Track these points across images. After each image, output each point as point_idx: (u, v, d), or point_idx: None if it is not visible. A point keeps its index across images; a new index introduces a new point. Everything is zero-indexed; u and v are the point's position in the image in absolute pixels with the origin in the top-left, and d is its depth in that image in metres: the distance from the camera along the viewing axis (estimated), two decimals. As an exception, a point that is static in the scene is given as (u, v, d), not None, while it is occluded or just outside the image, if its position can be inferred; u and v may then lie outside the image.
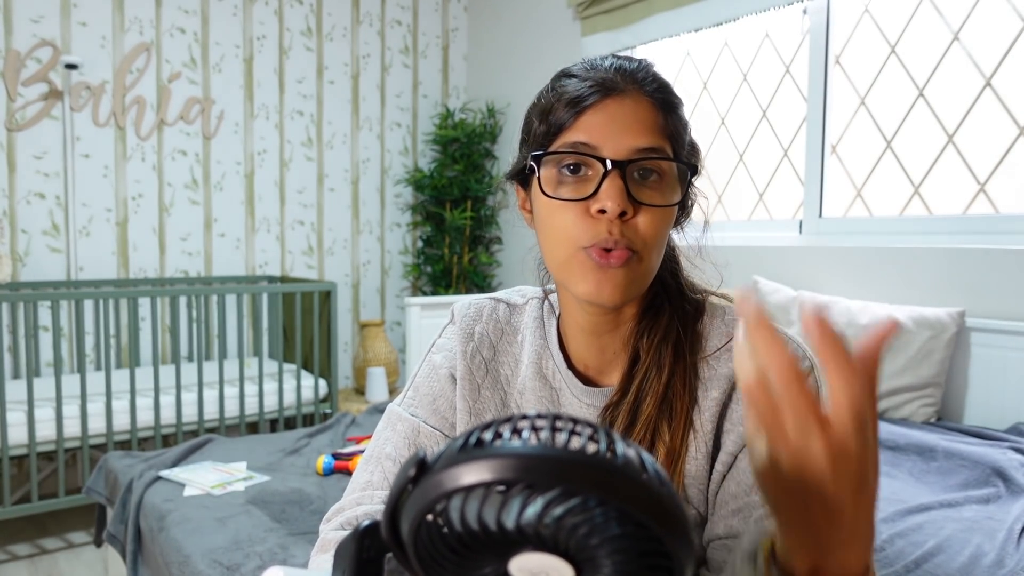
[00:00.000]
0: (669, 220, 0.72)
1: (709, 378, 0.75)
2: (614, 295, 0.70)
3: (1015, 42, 2.23)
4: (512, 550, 0.37)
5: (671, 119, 0.72)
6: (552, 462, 0.34)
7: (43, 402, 2.69)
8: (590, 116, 0.70)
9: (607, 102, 0.70)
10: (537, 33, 3.81)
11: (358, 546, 0.46)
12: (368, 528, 0.47)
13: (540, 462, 0.34)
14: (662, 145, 0.70)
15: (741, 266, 2.79)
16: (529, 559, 0.37)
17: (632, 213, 0.69)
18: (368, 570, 0.46)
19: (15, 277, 3.14)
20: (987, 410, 2.17)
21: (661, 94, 0.72)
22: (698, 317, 0.78)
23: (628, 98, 0.71)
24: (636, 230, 0.70)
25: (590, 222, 0.69)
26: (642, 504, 0.35)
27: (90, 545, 2.74)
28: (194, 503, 1.75)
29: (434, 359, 0.88)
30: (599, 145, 0.69)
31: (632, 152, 0.69)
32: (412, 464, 0.38)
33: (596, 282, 0.70)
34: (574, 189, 0.71)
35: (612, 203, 0.67)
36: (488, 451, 0.35)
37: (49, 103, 3.18)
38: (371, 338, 3.73)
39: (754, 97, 2.97)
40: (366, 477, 0.84)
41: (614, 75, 0.72)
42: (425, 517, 0.37)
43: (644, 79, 0.72)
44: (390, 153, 4.13)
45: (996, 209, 2.30)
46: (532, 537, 0.35)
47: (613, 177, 0.68)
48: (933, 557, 1.35)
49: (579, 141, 0.70)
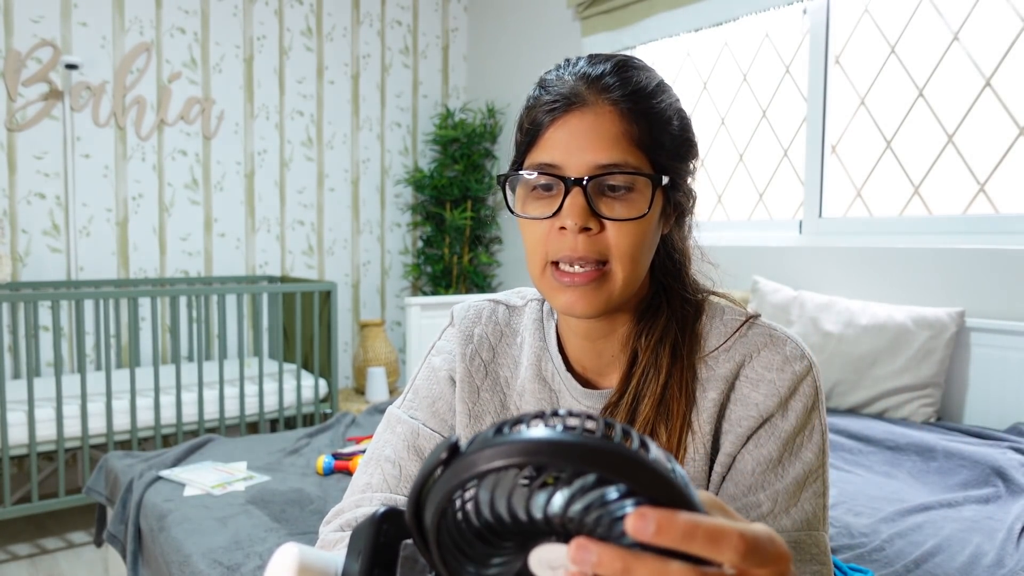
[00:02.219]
0: (644, 229, 0.71)
1: (707, 379, 0.75)
2: (587, 309, 0.71)
3: (1015, 42, 2.24)
4: (534, 541, 0.38)
5: (642, 125, 0.70)
6: (587, 449, 0.35)
7: (43, 402, 2.69)
8: (553, 132, 0.70)
9: (568, 117, 0.70)
10: (537, 33, 3.81)
11: (375, 530, 0.46)
12: (387, 513, 0.48)
13: (575, 448, 0.35)
14: (626, 158, 0.69)
15: (741, 266, 2.80)
16: (550, 551, 0.37)
17: (598, 228, 0.69)
18: (383, 554, 0.46)
19: (15, 277, 3.14)
20: (987, 410, 2.17)
21: (629, 101, 0.70)
22: (697, 317, 0.78)
23: (589, 111, 0.70)
24: (606, 243, 0.70)
25: (556, 237, 0.70)
26: (668, 502, 0.35)
27: (90, 545, 2.74)
28: (194, 503, 1.75)
29: (433, 361, 0.87)
30: (562, 163, 0.70)
31: (592, 168, 0.69)
32: (444, 448, 0.39)
33: (567, 299, 0.71)
34: (546, 205, 0.71)
35: (571, 220, 0.68)
36: (522, 435, 0.36)
37: (49, 103, 3.18)
38: (371, 338, 3.73)
39: (754, 97, 2.97)
40: (365, 479, 0.84)
41: (577, 84, 0.71)
42: (453, 501, 0.37)
43: (609, 86, 0.70)
44: (390, 153, 4.13)
45: (996, 209, 2.30)
46: (557, 527, 0.36)
47: (574, 194, 0.68)
48: (933, 557, 1.36)
49: (543, 162, 0.70)
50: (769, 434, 0.73)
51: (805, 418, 0.73)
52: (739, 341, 0.75)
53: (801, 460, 0.73)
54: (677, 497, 0.36)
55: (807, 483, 0.72)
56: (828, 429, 0.80)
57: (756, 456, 0.72)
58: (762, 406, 0.73)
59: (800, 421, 0.73)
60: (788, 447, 0.72)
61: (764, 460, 0.72)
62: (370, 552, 0.45)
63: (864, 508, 1.57)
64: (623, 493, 0.35)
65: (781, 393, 0.72)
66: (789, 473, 0.72)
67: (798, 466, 0.72)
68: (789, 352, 0.74)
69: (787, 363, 0.73)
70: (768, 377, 0.73)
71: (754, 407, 0.73)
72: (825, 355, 2.30)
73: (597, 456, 0.35)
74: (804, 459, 0.73)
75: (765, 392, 0.73)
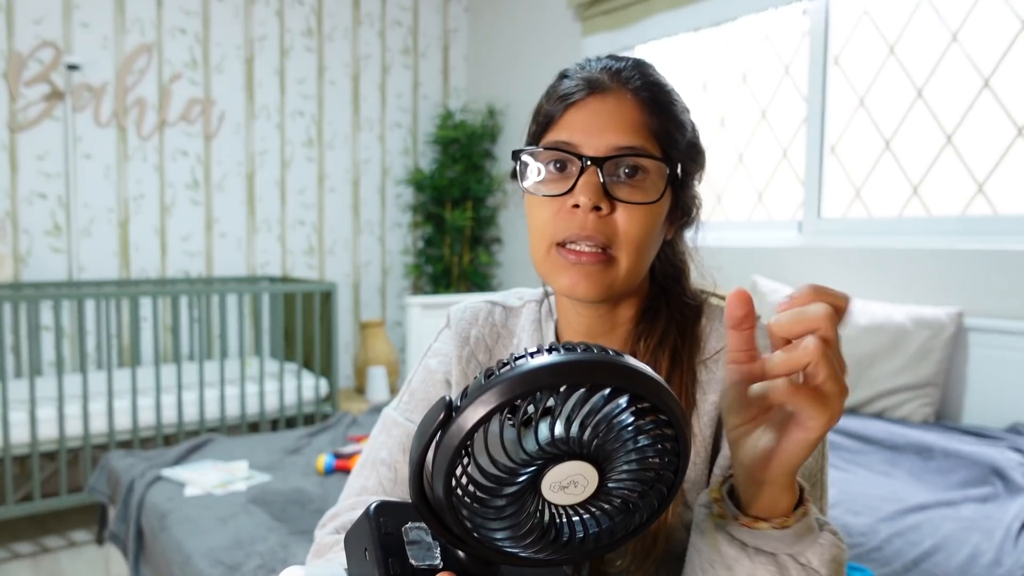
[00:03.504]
0: (653, 219, 0.72)
1: (707, 381, 0.74)
2: (590, 291, 0.71)
3: (1013, 43, 2.24)
4: (542, 471, 0.41)
5: (660, 118, 0.72)
6: (571, 365, 0.39)
7: (45, 401, 2.70)
8: (573, 113, 0.71)
9: (590, 100, 0.71)
10: (537, 34, 3.82)
11: (376, 524, 0.48)
12: (379, 506, 0.49)
13: (559, 367, 0.39)
14: (644, 144, 0.70)
15: (741, 266, 2.80)
16: (557, 472, 0.41)
17: (608, 209, 0.70)
18: (390, 543, 0.47)
19: (17, 277, 3.15)
20: (985, 410, 2.18)
21: (648, 92, 0.72)
22: (696, 320, 0.78)
23: (611, 96, 0.71)
24: (614, 227, 0.70)
25: (566, 216, 0.70)
26: (650, 391, 0.40)
27: (92, 544, 2.75)
28: (195, 502, 1.76)
29: (429, 363, 0.87)
30: (580, 143, 0.70)
31: (611, 149, 0.69)
32: (440, 408, 0.42)
33: (571, 278, 0.71)
34: (556, 185, 0.71)
35: (584, 197, 0.68)
36: (505, 374, 0.39)
37: (51, 104, 3.19)
38: (371, 338, 3.74)
39: (753, 97, 2.98)
40: (361, 482, 0.83)
41: (600, 73, 0.72)
42: (460, 459, 0.40)
43: (630, 77, 0.72)
44: (390, 153, 4.13)
45: (994, 209, 2.31)
46: (560, 449, 0.40)
47: (590, 173, 0.69)
48: (931, 556, 1.36)
49: (560, 140, 0.71)
50: None
51: None
52: None
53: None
54: (663, 391, 0.41)
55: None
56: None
57: None
58: None
59: None
60: None
61: None
62: (378, 545, 0.46)
63: (863, 507, 1.58)
64: (614, 389, 0.39)
65: None
66: None
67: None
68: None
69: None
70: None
71: None
72: (824, 355, 2.30)
73: (581, 370, 0.39)
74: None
75: None
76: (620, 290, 0.73)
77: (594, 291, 0.71)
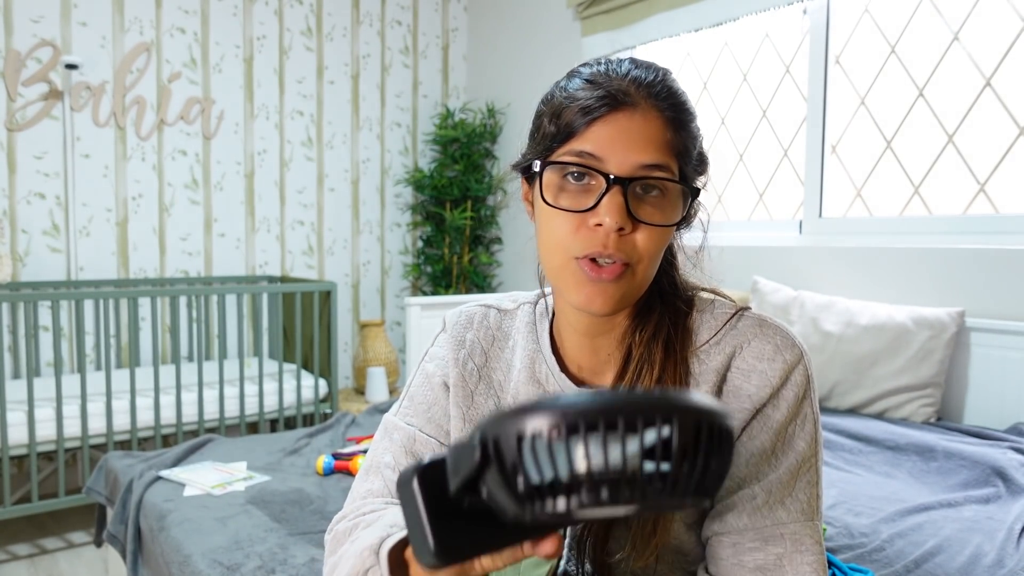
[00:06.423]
0: (668, 235, 0.73)
1: (700, 372, 0.75)
2: (605, 306, 0.71)
3: (1015, 42, 2.24)
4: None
5: (681, 135, 0.72)
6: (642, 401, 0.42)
7: (43, 402, 2.69)
8: (599, 127, 0.70)
9: (617, 115, 0.70)
10: (537, 33, 3.81)
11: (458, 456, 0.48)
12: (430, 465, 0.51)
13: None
14: (668, 163, 0.70)
15: (741, 266, 2.80)
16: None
17: (630, 229, 0.70)
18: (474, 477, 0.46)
19: (15, 277, 3.14)
20: (987, 410, 2.17)
21: (673, 111, 0.71)
22: (688, 312, 0.79)
23: (639, 112, 0.70)
24: (633, 245, 0.70)
25: (586, 233, 0.70)
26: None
27: (90, 545, 2.74)
28: (194, 503, 1.75)
29: (427, 368, 0.88)
30: (605, 158, 0.69)
31: (636, 168, 0.69)
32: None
33: (588, 294, 0.71)
34: (575, 197, 0.71)
35: (610, 218, 0.68)
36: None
37: (49, 103, 3.18)
38: (371, 338, 3.73)
39: (754, 97, 2.97)
40: (367, 487, 0.84)
41: (628, 86, 0.71)
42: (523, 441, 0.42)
43: (659, 93, 0.71)
44: (390, 153, 4.13)
45: (996, 209, 2.30)
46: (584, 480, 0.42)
47: (614, 193, 0.68)
48: (933, 557, 1.36)
49: (585, 151, 0.70)
50: (762, 425, 0.73)
51: (797, 407, 0.74)
52: (729, 333, 0.76)
53: (794, 450, 0.73)
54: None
55: (800, 472, 0.73)
56: (820, 417, 0.81)
57: (750, 448, 0.73)
58: (755, 397, 0.73)
59: (792, 411, 0.73)
60: (781, 437, 0.73)
61: (758, 451, 0.73)
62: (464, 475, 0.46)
63: (864, 508, 1.57)
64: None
65: (773, 383, 0.73)
66: (783, 463, 0.73)
67: (791, 456, 0.73)
68: (779, 341, 0.75)
69: (778, 352, 0.74)
70: (759, 367, 0.74)
71: (747, 399, 0.73)
72: (825, 355, 2.30)
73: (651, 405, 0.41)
74: (797, 449, 0.73)
75: (757, 383, 0.73)
76: (631, 301, 0.74)
77: (609, 306, 0.72)
